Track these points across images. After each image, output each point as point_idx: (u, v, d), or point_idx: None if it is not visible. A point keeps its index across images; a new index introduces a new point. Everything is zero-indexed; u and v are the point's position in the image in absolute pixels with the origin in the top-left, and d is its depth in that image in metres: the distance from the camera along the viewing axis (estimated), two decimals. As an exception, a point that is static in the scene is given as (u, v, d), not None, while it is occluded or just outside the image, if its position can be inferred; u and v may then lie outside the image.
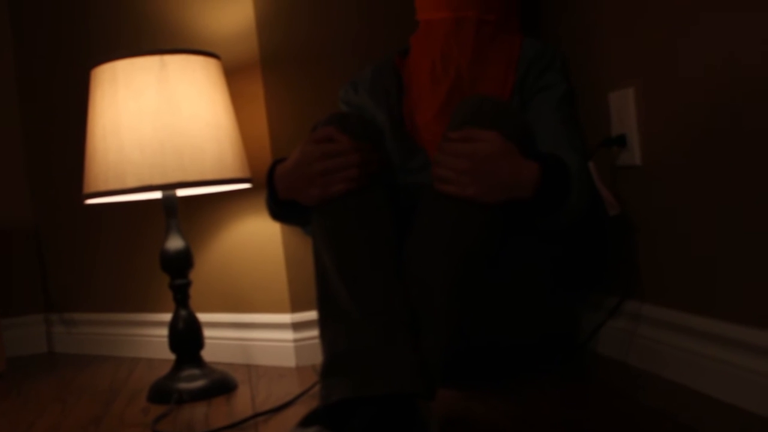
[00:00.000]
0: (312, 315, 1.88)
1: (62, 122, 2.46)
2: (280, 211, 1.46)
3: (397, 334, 1.19)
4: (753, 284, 1.15)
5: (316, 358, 1.88)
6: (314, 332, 1.88)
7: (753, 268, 1.14)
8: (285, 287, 1.88)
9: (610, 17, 1.50)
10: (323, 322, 1.28)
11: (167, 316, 2.19)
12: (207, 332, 2.07)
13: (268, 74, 1.88)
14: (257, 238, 1.93)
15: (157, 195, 1.84)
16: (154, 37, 2.11)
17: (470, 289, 1.27)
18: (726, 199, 1.19)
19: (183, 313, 1.71)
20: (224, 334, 2.03)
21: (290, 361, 1.87)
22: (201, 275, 2.08)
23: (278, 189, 1.40)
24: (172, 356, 2.19)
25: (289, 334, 1.88)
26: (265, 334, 1.93)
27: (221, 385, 1.68)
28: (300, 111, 1.90)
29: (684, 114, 1.28)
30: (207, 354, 2.07)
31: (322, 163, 1.29)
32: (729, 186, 1.18)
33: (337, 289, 1.26)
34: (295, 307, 1.88)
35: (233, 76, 1.92)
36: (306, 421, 1.15)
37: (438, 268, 1.25)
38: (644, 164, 1.43)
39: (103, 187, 1.62)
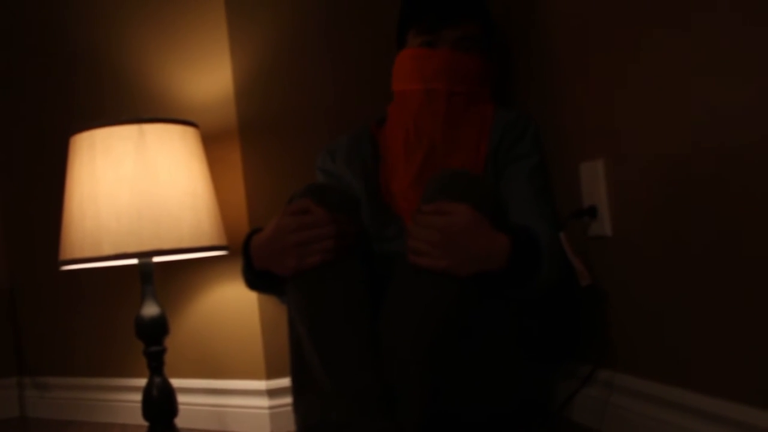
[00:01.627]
0: (287, 382, 1.87)
1: (41, 186, 2.46)
2: (256, 281, 1.46)
3: (370, 405, 1.19)
4: (722, 356, 1.16)
5: (291, 425, 1.87)
6: (289, 399, 1.87)
7: (722, 339, 1.16)
8: (261, 354, 1.87)
9: (579, 89, 1.53)
10: (297, 393, 1.28)
11: (142, 381, 2.16)
12: (181, 398, 2.05)
13: (245, 142, 1.90)
14: (233, 304, 1.93)
15: (133, 261, 1.85)
16: (134, 104, 2.13)
17: (444, 359, 1.28)
18: (695, 271, 1.21)
19: (157, 380, 1.70)
20: (199, 400, 2.01)
21: (265, 428, 1.86)
22: (177, 340, 2.07)
23: (254, 259, 1.41)
24: (146, 422, 2.16)
25: (264, 401, 1.87)
26: (240, 401, 1.92)
27: (195, 455, 1.67)
28: (277, 178, 1.92)
29: (653, 185, 1.31)
30: (181, 420, 2.04)
31: (298, 235, 1.30)
32: (699, 257, 1.20)
33: (310, 359, 1.27)
34: (270, 374, 1.87)
35: (211, 143, 1.94)
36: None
37: (412, 339, 1.25)
38: (615, 235, 1.45)
39: (78, 254, 1.62)
